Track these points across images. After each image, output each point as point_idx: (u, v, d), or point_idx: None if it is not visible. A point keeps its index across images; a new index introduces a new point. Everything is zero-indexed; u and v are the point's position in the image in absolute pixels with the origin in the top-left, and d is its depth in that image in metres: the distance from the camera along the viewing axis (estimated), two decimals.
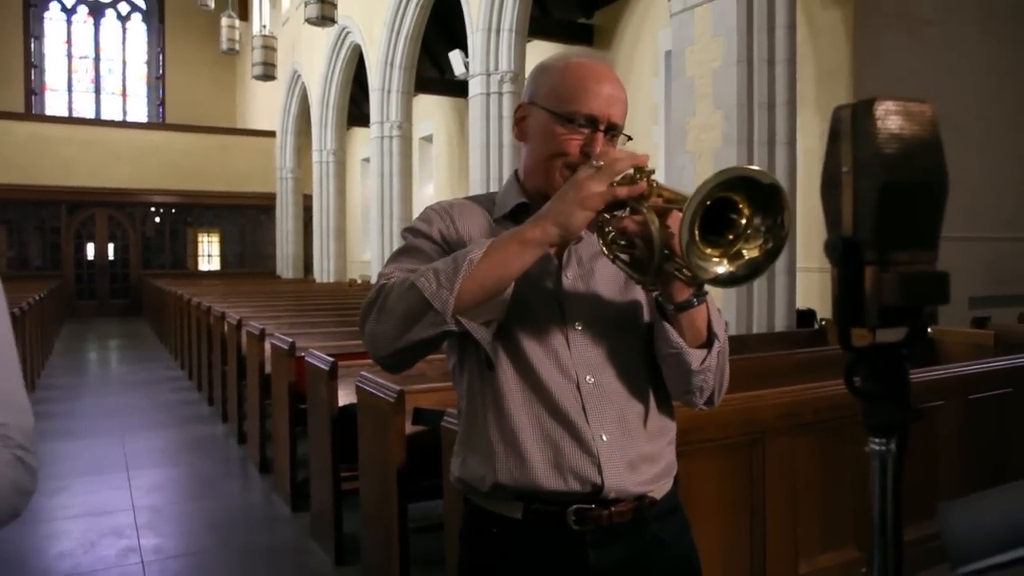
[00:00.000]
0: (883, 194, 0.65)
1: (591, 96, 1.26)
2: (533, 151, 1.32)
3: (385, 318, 1.16)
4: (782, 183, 1.05)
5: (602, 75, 1.28)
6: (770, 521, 2.83)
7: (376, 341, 1.19)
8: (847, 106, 0.68)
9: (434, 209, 1.37)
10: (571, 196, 1.12)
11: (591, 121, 1.26)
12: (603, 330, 1.29)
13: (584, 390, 1.25)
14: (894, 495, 0.69)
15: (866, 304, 0.66)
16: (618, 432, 1.25)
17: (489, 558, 1.31)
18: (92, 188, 17.71)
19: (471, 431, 1.31)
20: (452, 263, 1.15)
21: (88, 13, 22.14)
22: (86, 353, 11.85)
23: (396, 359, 1.21)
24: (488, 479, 1.26)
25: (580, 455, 1.23)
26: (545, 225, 1.13)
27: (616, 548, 1.26)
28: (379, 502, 3.02)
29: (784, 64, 5.33)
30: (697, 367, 1.24)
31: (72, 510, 4.32)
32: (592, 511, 1.24)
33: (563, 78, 1.28)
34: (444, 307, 1.12)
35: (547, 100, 1.29)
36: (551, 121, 1.27)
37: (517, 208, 1.33)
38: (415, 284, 1.14)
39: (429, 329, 1.14)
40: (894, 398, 0.67)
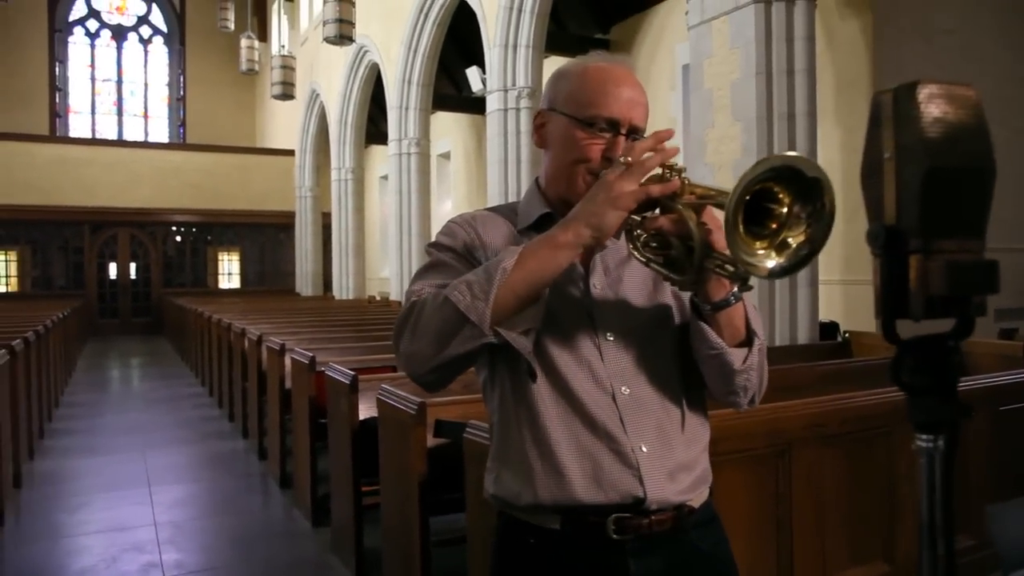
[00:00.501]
0: (927, 180, 0.63)
1: (611, 100, 1.24)
2: (554, 158, 1.30)
3: (420, 336, 1.14)
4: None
5: (622, 78, 1.26)
6: (796, 535, 2.77)
7: (412, 360, 1.16)
8: (888, 90, 0.66)
9: (456, 222, 1.34)
10: (602, 197, 1.10)
11: (612, 125, 1.23)
12: (635, 338, 1.26)
13: (620, 401, 1.22)
14: (944, 495, 0.66)
15: (911, 295, 0.64)
16: (657, 442, 1.22)
17: (526, 570, 1.27)
18: (114, 208, 17.92)
19: (505, 447, 1.28)
20: (484, 273, 1.12)
21: (111, 37, 22.51)
22: (108, 371, 11.94)
23: (435, 376, 1.18)
24: (524, 496, 1.23)
25: (620, 468, 1.20)
26: (577, 227, 1.11)
27: (657, 557, 1.22)
28: (400, 516, 2.99)
29: (804, 75, 5.30)
30: (740, 367, 1.21)
31: (93, 526, 4.33)
32: (632, 520, 1.21)
33: (582, 82, 1.26)
34: (481, 319, 1.10)
35: (566, 105, 1.26)
36: (571, 126, 1.25)
37: (541, 219, 1.30)
38: (448, 298, 1.12)
39: (468, 343, 1.11)
40: (941, 392, 0.65)
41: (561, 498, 1.20)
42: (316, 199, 17.81)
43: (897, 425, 3.04)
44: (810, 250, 1.00)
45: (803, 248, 1.00)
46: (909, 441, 2.28)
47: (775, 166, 0.96)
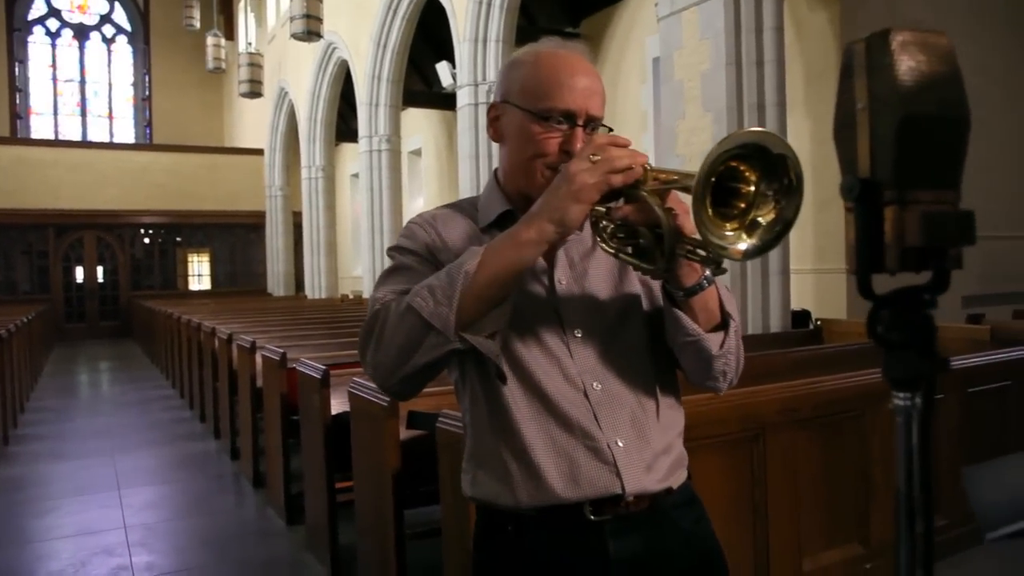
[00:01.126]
0: (902, 129, 0.61)
1: (566, 91, 1.19)
2: (511, 152, 1.26)
3: (385, 346, 1.12)
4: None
5: (575, 67, 1.22)
6: (772, 519, 2.78)
7: (379, 370, 1.14)
8: (860, 40, 0.65)
9: (416, 223, 1.31)
10: (564, 190, 1.07)
11: (568, 117, 1.20)
12: (604, 333, 1.23)
13: (593, 398, 1.19)
14: (922, 456, 0.65)
15: (886, 247, 0.62)
16: (633, 435, 1.20)
17: (506, 557, 1.25)
18: (80, 211, 17.60)
19: (479, 448, 1.26)
20: (447, 277, 1.09)
21: (73, 36, 22.08)
22: (76, 375, 11.73)
23: (404, 387, 1.16)
24: (504, 499, 1.21)
25: (597, 464, 1.18)
26: (540, 223, 1.08)
27: (636, 537, 1.20)
28: (375, 509, 2.96)
29: (773, 65, 5.32)
30: (718, 352, 1.19)
31: (62, 530, 4.24)
32: (608, 501, 1.19)
33: (535, 73, 1.22)
34: (445, 325, 1.07)
35: (520, 98, 1.22)
36: (526, 120, 1.21)
37: (502, 216, 1.27)
38: (411, 305, 1.09)
39: (433, 351, 1.09)
40: (918, 347, 0.63)
41: (540, 499, 1.19)
42: (287, 198, 17.64)
43: (869, 408, 3.06)
44: (783, 227, 0.98)
45: (775, 225, 0.98)
46: (881, 424, 2.30)
47: (741, 143, 0.94)
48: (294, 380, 4.03)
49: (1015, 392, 3.60)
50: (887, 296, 0.64)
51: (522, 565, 1.22)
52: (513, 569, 1.24)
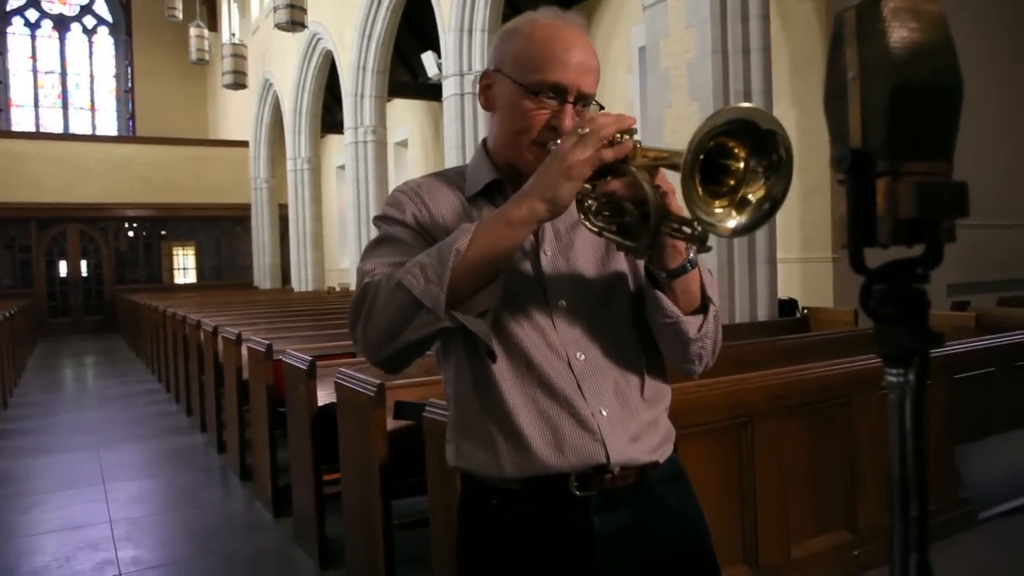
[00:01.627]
0: (894, 98, 0.60)
1: (559, 65, 1.18)
2: (500, 124, 1.25)
3: (375, 322, 1.11)
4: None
5: (571, 40, 1.20)
6: (761, 506, 2.78)
7: (369, 345, 1.13)
8: (851, 7, 0.63)
9: (402, 191, 1.29)
10: (555, 167, 1.06)
11: (559, 92, 1.18)
12: (588, 305, 1.23)
13: (576, 368, 1.19)
14: (916, 433, 0.63)
15: (879, 219, 0.61)
16: (617, 405, 1.20)
17: (490, 530, 1.25)
18: (63, 204, 17.42)
19: (463, 418, 1.25)
20: (437, 255, 1.08)
21: (53, 27, 21.79)
22: (61, 370, 11.63)
23: (393, 362, 1.16)
24: (489, 468, 1.20)
25: (581, 433, 1.17)
26: (531, 202, 1.07)
27: (621, 512, 1.20)
28: (362, 500, 2.94)
29: (759, 53, 5.32)
30: (695, 335, 1.20)
31: (47, 525, 4.19)
32: (594, 476, 1.18)
33: (529, 44, 1.20)
34: (436, 304, 1.06)
35: (512, 68, 1.21)
36: (518, 93, 1.19)
37: (490, 186, 1.27)
38: (402, 283, 1.08)
39: (423, 329, 1.08)
40: (911, 322, 0.62)
41: (524, 468, 1.18)
42: (272, 190, 17.50)
43: (856, 395, 3.07)
44: (771, 204, 0.97)
45: (764, 203, 0.97)
46: (868, 411, 2.30)
47: (730, 119, 0.93)
48: (280, 372, 4.00)
49: (1000, 378, 3.61)
50: (880, 270, 0.62)
51: (506, 538, 1.22)
52: (497, 542, 1.24)
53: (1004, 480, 0.71)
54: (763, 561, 2.77)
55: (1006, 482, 0.70)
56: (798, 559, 2.86)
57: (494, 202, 1.25)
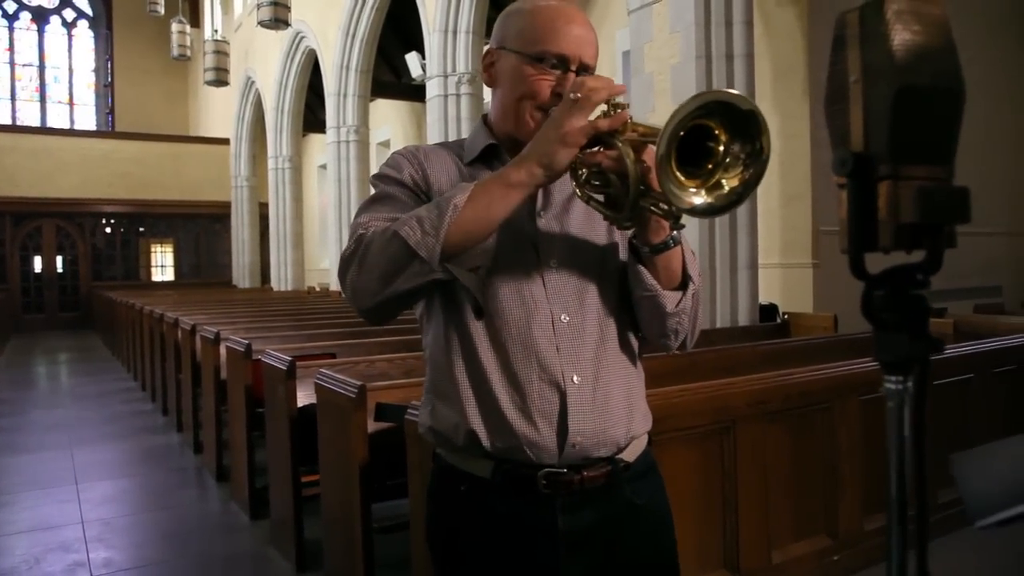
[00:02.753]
0: (897, 101, 0.59)
1: (561, 37, 1.23)
2: (503, 94, 1.29)
3: (368, 269, 1.12)
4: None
5: (572, 16, 1.26)
6: (742, 511, 2.78)
7: (359, 293, 1.15)
8: (853, 9, 0.62)
9: (402, 154, 1.32)
10: (553, 134, 1.09)
11: (562, 61, 1.23)
12: (579, 269, 1.26)
13: (559, 328, 1.21)
14: (915, 441, 0.63)
15: (880, 224, 0.60)
16: (590, 373, 1.22)
17: (457, 516, 1.27)
18: (38, 198, 17.19)
19: (439, 378, 1.27)
20: (436, 209, 1.11)
21: (31, 20, 21.53)
22: (33, 367, 11.46)
23: (380, 311, 1.17)
24: (461, 426, 1.22)
25: (549, 394, 1.19)
26: (529, 166, 1.11)
27: (587, 513, 1.22)
28: (341, 503, 2.91)
29: (742, 59, 5.34)
30: (672, 309, 1.23)
31: (16, 525, 4.12)
32: (563, 475, 1.20)
33: (532, 20, 1.26)
34: (431, 255, 1.08)
35: (516, 43, 1.26)
36: (521, 62, 1.24)
37: (487, 149, 1.30)
38: (398, 232, 1.10)
39: (416, 278, 1.10)
40: (911, 328, 0.61)
41: (491, 425, 1.20)
42: (253, 189, 17.37)
43: (837, 401, 3.08)
44: (740, 194, 1.02)
45: (735, 191, 1.02)
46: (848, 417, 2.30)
47: (707, 101, 0.97)
48: (259, 372, 3.95)
49: (977, 385, 3.64)
50: (881, 276, 0.61)
51: (473, 527, 1.25)
52: (464, 529, 1.26)
53: (1002, 488, 0.70)
54: (744, 565, 2.77)
55: (1004, 490, 0.69)
56: (779, 564, 2.87)
57: (491, 167, 1.29)
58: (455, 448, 1.25)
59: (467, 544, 1.26)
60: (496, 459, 1.21)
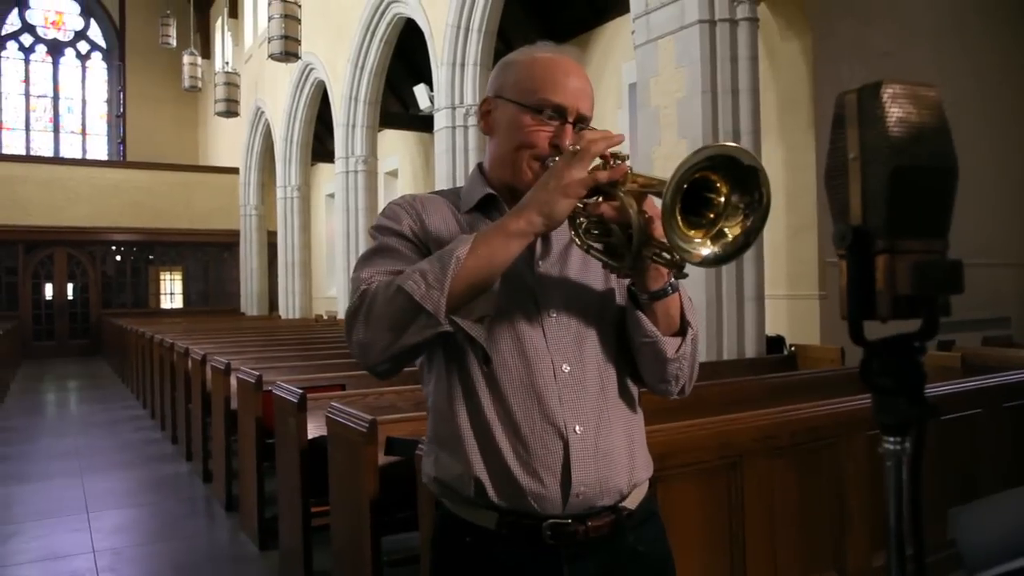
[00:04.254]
0: (893, 180, 0.63)
1: (559, 88, 1.25)
2: (500, 143, 1.31)
3: (374, 325, 1.14)
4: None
5: (569, 68, 1.28)
6: (749, 546, 2.79)
7: (367, 349, 1.16)
8: (852, 91, 0.66)
9: (399, 204, 1.33)
10: (553, 184, 1.11)
11: (560, 112, 1.25)
12: (577, 317, 1.27)
13: (560, 378, 1.22)
14: (912, 498, 0.66)
15: (878, 295, 0.64)
16: (592, 424, 1.23)
17: (462, 567, 1.27)
18: (50, 227, 17.35)
19: (442, 428, 1.28)
20: (439, 262, 1.12)
21: (47, 52, 21.85)
22: (43, 394, 11.51)
23: (388, 365, 1.18)
24: (465, 478, 1.23)
25: (552, 445, 1.20)
26: (529, 215, 1.12)
27: (592, 562, 1.23)
28: (351, 536, 2.93)
29: (748, 94, 5.41)
30: (672, 355, 1.24)
31: (28, 555, 4.14)
32: (568, 526, 1.21)
33: (531, 71, 1.28)
34: (436, 308, 1.10)
35: (514, 92, 1.28)
36: (519, 112, 1.26)
37: (484, 200, 1.31)
38: (402, 287, 1.11)
39: (423, 332, 1.12)
40: (908, 393, 0.65)
41: (494, 476, 1.20)
42: (261, 217, 17.52)
43: (844, 436, 3.09)
44: (744, 241, 1.04)
45: (739, 239, 1.04)
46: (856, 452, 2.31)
47: (712, 155, 0.99)
48: (269, 403, 3.99)
49: (984, 420, 3.64)
50: (879, 343, 0.65)
51: (478, 572, 1.25)
52: (469, 573, 1.26)
53: (999, 542, 0.73)
54: None
55: (1001, 544, 0.72)
56: None
57: (488, 216, 1.30)
58: (460, 499, 1.26)
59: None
60: (501, 511, 1.22)
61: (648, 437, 2.65)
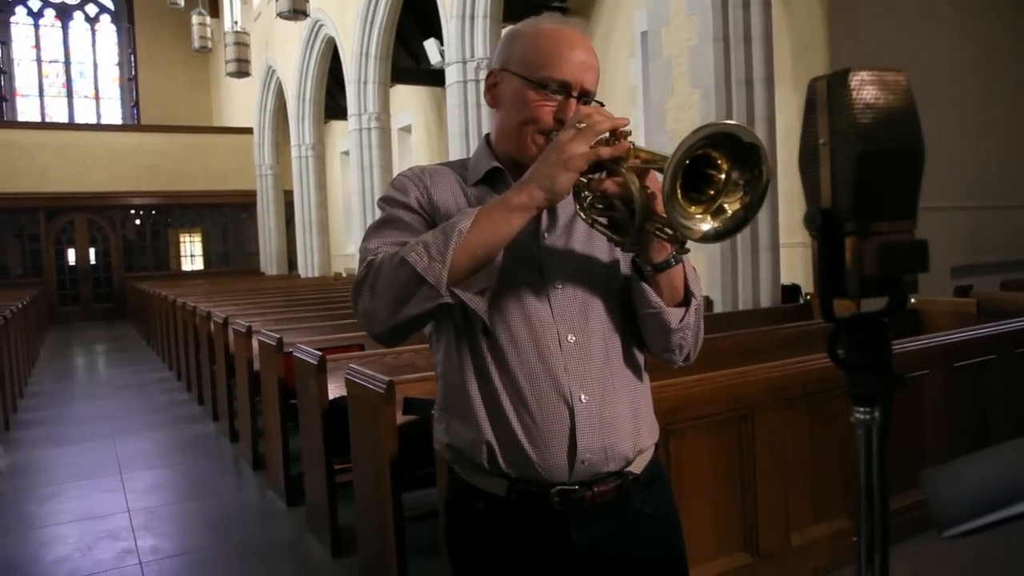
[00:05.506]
0: (860, 164, 0.66)
1: (564, 62, 1.26)
2: (505, 117, 1.33)
3: (379, 295, 1.17)
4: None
5: (575, 41, 1.28)
6: (761, 495, 2.86)
7: (371, 319, 1.19)
8: (822, 78, 0.69)
9: (407, 176, 1.36)
10: (554, 158, 1.13)
11: (564, 87, 1.26)
12: (583, 288, 1.29)
13: (565, 348, 1.25)
14: (880, 463, 0.70)
15: (847, 275, 0.67)
16: (598, 392, 1.26)
17: (473, 531, 1.33)
18: (70, 193, 17.52)
19: (452, 396, 1.31)
20: (442, 235, 1.15)
21: (55, 16, 21.81)
22: (72, 358, 11.76)
23: (392, 335, 1.21)
24: (476, 445, 1.27)
25: (559, 414, 1.23)
26: (531, 189, 1.14)
27: (599, 525, 1.27)
28: (373, 493, 3.02)
29: (760, 40, 5.33)
30: (676, 325, 1.27)
31: (66, 515, 4.30)
32: (575, 492, 1.25)
33: (536, 44, 1.28)
34: (438, 280, 1.12)
35: (519, 66, 1.29)
36: (524, 87, 1.27)
37: (490, 172, 1.34)
38: (406, 259, 1.14)
39: (425, 303, 1.14)
40: (876, 367, 0.68)
41: (507, 448, 1.24)
42: (277, 177, 17.57)
43: None
44: (744, 216, 1.05)
45: (738, 214, 1.05)
46: None
47: (713, 133, 1.00)
48: (291, 364, 4.08)
49: (998, 365, 3.66)
50: (847, 320, 0.68)
51: (490, 543, 1.30)
52: (481, 544, 1.32)
53: (967, 500, 0.77)
54: (763, 548, 2.85)
55: (969, 502, 0.77)
56: (798, 546, 2.94)
57: (495, 188, 1.32)
58: (471, 466, 1.30)
59: (484, 557, 1.32)
60: (510, 478, 1.26)
61: (660, 392, 2.70)
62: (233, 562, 3.66)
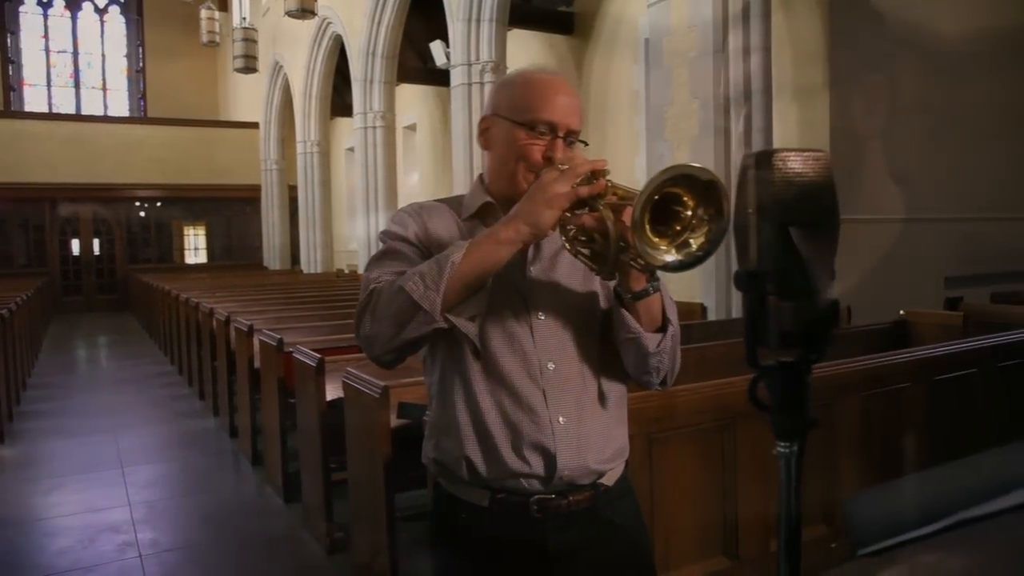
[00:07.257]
0: (781, 234, 0.76)
1: (550, 105, 1.38)
2: (497, 157, 1.45)
3: (378, 321, 1.29)
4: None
5: (560, 87, 1.41)
6: (741, 502, 2.95)
7: (372, 343, 1.31)
8: (751, 155, 0.78)
9: (406, 212, 1.49)
10: (539, 197, 1.25)
11: (551, 128, 1.38)
12: (564, 319, 1.41)
13: (545, 376, 1.37)
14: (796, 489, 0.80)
15: (769, 329, 0.77)
16: (575, 415, 1.38)
17: (458, 539, 1.45)
18: (75, 184, 17.62)
19: (442, 416, 1.44)
20: (436, 266, 1.27)
21: (65, 6, 21.91)
22: (75, 350, 11.89)
23: (392, 356, 1.33)
24: (461, 460, 1.39)
25: (537, 436, 1.36)
26: (517, 225, 1.26)
27: (573, 532, 1.39)
28: (367, 493, 3.13)
29: (759, 53, 5.42)
30: (654, 350, 1.37)
31: (68, 507, 4.41)
32: (552, 500, 1.38)
33: (524, 91, 1.41)
34: (432, 307, 1.24)
35: (510, 111, 1.41)
36: (514, 128, 1.39)
37: (483, 207, 1.46)
38: (403, 288, 1.26)
39: (421, 328, 1.26)
40: (794, 409, 0.78)
41: (487, 459, 1.37)
42: (282, 172, 17.68)
43: (837, 397, 3.22)
44: (707, 249, 1.17)
45: (703, 246, 1.16)
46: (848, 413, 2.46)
47: (673, 175, 1.12)
48: (291, 364, 4.18)
49: (979, 379, 3.74)
50: (769, 367, 0.78)
51: (473, 551, 1.43)
52: (464, 553, 1.44)
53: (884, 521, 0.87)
54: (743, 553, 2.95)
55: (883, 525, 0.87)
56: (776, 551, 3.03)
57: (486, 223, 1.44)
58: (455, 479, 1.42)
59: (467, 562, 1.44)
60: (492, 489, 1.39)
61: (645, 402, 2.80)
62: (230, 557, 3.77)
